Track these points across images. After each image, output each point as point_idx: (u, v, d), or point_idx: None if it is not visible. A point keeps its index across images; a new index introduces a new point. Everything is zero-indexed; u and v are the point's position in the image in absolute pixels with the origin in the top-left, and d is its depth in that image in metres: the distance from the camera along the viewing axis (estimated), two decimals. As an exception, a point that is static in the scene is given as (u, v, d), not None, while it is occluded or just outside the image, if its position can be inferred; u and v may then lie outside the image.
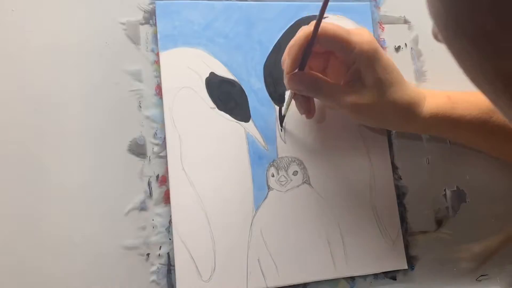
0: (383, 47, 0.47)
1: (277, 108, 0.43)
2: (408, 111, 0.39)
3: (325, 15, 0.46)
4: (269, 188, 0.41)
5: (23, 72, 0.39)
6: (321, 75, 0.39)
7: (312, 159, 0.43)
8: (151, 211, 0.39)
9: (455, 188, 0.46)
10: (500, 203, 0.47)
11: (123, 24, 0.42)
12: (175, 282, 0.38)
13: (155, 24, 0.42)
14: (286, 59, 0.38)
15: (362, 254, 0.42)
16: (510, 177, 0.48)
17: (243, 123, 0.42)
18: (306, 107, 0.41)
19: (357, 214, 0.43)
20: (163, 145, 0.40)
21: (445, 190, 0.46)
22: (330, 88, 0.39)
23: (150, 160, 0.40)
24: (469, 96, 0.41)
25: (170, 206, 0.39)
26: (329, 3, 0.33)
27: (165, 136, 0.40)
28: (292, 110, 0.43)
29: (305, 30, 0.36)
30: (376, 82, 0.37)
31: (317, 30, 0.34)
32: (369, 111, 0.38)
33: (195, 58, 0.42)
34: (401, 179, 0.45)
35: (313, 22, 0.35)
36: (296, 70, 0.38)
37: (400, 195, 0.45)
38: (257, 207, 0.41)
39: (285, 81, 0.39)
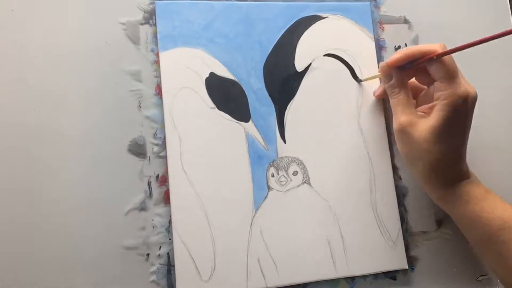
0: (383, 48, 0.47)
1: (277, 107, 0.43)
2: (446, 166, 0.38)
3: (325, 15, 0.46)
4: (269, 188, 0.41)
5: (23, 72, 0.39)
6: (409, 88, 0.41)
7: (312, 159, 0.43)
8: (151, 211, 0.39)
9: (455, 188, 0.46)
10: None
11: (123, 24, 0.42)
12: (175, 282, 0.38)
13: (155, 24, 0.42)
14: (398, 54, 0.40)
15: (362, 254, 0.42)
16: (510, 177, 0.48)
17: (243, 123, 0.42)
18: (382, 92, 0.43)
19: (357, 214, 0.43)
20: (163, 145, 0.40)
21: (445, 190, 0.46)
22: (405, 95, 0.40)
23: (150, 160, 0.40)
24: (504, 204, 0.39)
25: (170, 206, 0.39)
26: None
27: (165, 136, 0.40)
28: (294, 110, 0.43)
29: (430, 49, 0.37)
30: (435, 130, 0.37)
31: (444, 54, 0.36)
32: (408, 137, 0.39)
33: (195, 58, 0.42)
34: (401, 179, 0.45)
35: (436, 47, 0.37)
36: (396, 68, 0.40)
37: (401, 195, 0.45)
38: (257, 207, 0.41)
39: (384, 64, 0.41)
